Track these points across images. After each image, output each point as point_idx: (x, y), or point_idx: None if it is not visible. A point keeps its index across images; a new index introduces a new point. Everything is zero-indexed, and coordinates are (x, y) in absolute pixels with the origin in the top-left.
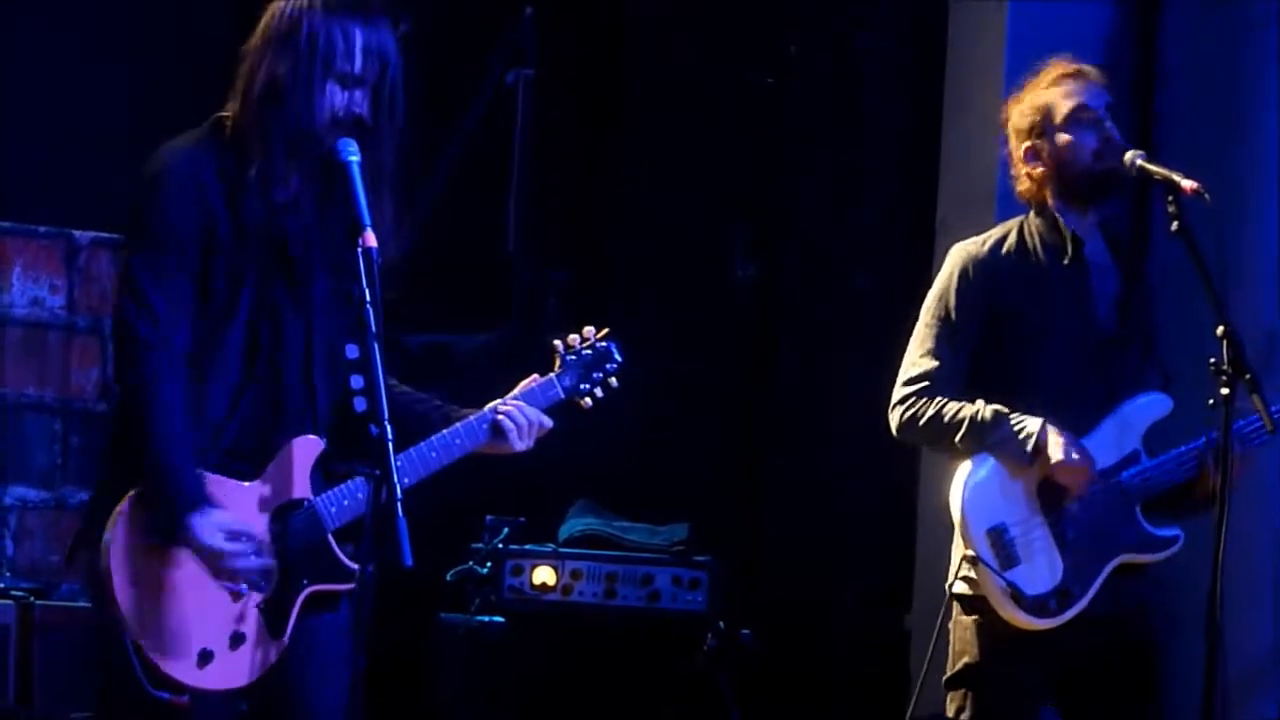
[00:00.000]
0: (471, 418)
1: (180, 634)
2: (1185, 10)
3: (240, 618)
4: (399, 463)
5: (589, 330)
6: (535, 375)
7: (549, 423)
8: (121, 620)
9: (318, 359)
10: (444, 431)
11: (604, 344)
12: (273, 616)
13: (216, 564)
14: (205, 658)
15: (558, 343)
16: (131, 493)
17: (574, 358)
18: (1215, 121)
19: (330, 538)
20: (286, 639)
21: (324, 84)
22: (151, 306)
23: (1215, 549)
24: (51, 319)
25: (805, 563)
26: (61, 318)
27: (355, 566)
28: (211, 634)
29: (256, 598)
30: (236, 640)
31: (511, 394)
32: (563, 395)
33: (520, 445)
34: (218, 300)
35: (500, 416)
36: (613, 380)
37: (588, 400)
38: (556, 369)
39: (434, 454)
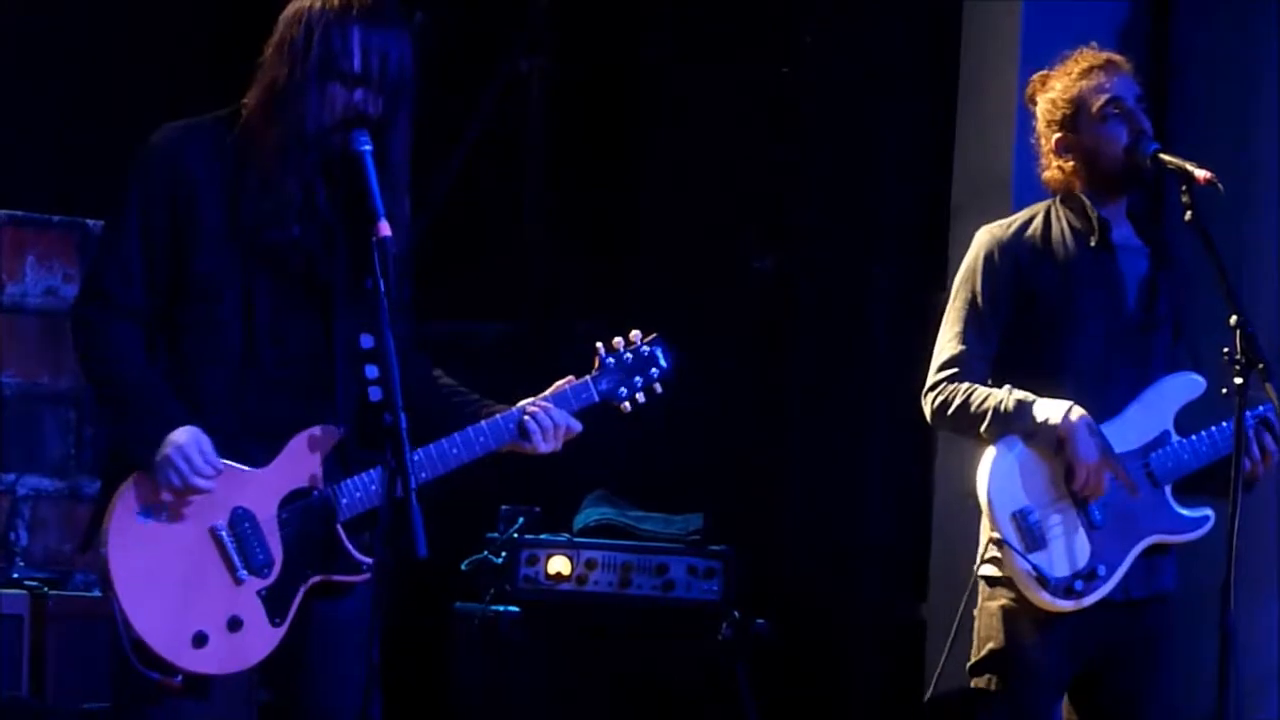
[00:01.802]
0: (499, 416)
1: (173, 615)
2: (1197, 1)
3: (239, 603)
4: (419, 457)
5: (635, 334)
6: (570, 377)
7: (577, 426)
8: (116, 599)
9: (339, 352)
10: (468, 428)
11: (649, 348)
12: (274, 604)
13: (184, 479)
14: (200, 640)
15: (599, 345)
16: (133, 476)
17: (613, 361)
18: (1229, 112)
19: (340, 528)
20: (286, 627)
21: (325, 85)
22: (102, 280)
23: (1229, 540)
24: (65, 309)
25: (821, 552)
26: None
27: (363, 559)
28: (207, 617)
29: (258, 584)
30: (234, 625)
31: (543, 395)
32: (597, 398)
33: (545, 448)
34: (199, 282)
35: (527, 418)
36: (657, 386)
37: (627, 405)
38: (594, 371)
39: (455, 450)
